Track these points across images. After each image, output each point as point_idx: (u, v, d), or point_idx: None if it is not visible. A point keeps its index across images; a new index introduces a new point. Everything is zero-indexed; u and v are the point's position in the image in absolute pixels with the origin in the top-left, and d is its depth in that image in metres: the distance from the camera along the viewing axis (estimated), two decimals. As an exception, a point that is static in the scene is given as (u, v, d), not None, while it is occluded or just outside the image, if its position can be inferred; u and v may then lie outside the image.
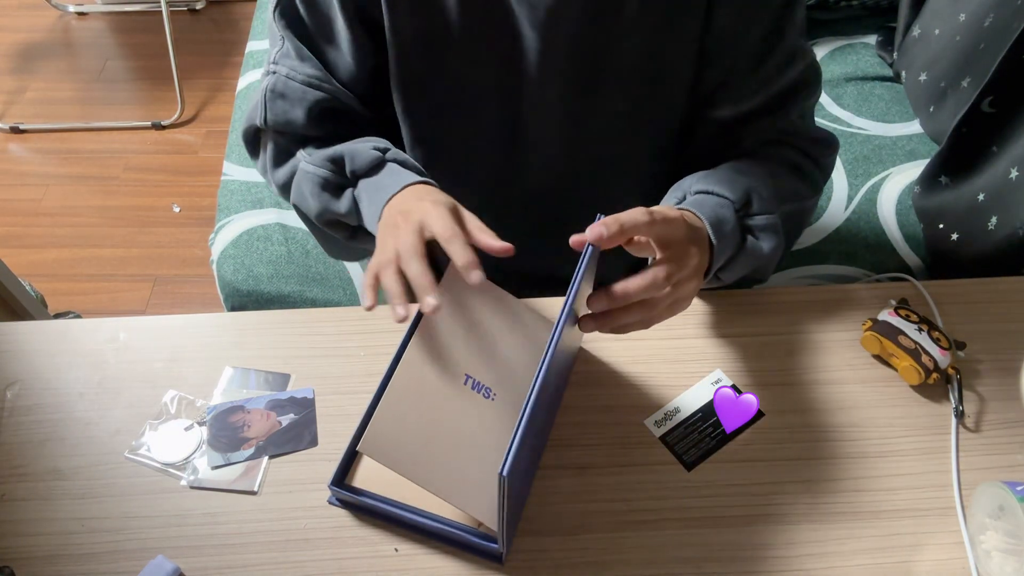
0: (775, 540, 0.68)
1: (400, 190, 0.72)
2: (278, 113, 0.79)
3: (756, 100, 0.80)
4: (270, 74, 0.80)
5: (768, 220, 0.74)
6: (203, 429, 0.74)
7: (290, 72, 0.78)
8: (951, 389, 0.76)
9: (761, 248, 0.75)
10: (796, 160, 0.83)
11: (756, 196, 0.74)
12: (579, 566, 0.67)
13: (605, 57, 0.76)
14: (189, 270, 1.89)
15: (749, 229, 0.75)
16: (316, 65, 0.79)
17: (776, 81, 0.78)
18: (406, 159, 0.78)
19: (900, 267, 1.16)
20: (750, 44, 0.76)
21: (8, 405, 0.76)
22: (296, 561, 0.67)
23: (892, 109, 1.34)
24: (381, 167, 0.76)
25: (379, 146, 0.77)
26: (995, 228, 1.03)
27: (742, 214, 0.74)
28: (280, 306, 1.16)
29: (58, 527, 0.69)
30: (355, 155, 0.76)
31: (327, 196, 0.78)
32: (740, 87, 0.79)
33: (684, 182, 0.77)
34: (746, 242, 0.74)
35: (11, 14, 2.54)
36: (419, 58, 0.77)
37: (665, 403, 0.76)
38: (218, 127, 2.20)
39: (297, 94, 0.78)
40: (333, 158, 0.77)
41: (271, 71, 0.80)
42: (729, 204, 0.72)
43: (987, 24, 1.15)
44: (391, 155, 0.77)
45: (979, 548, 0.67)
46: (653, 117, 0.82)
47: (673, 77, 0.78)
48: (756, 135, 0.82)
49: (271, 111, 0.79)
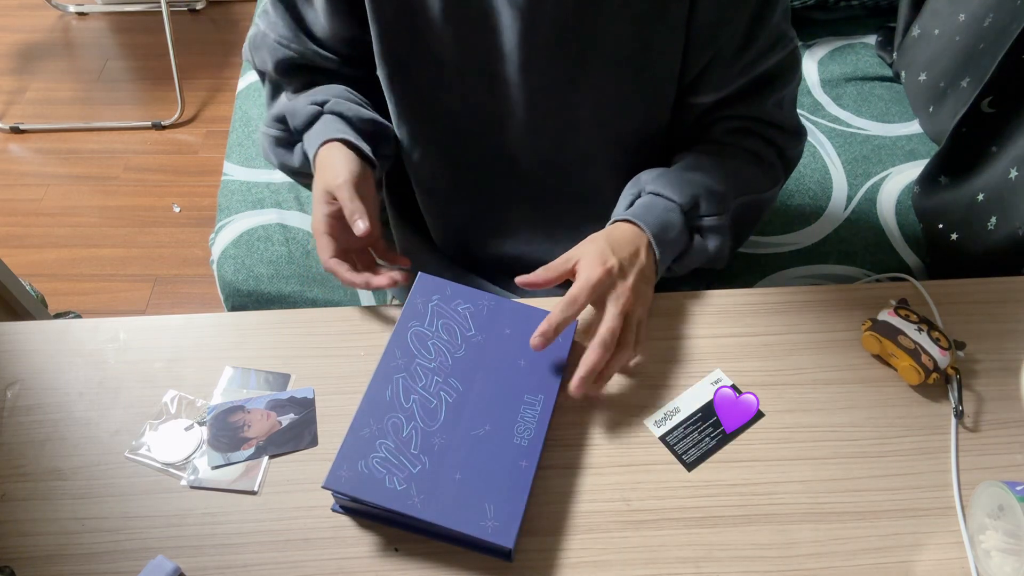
0: (775, 540, 0.68)
1: (315, 153, 0.80)
2: (258, 62, 0.88)
3: (736, 85, 0.80)
4: (254, 24, 0.88)
5: (715, 221, 0.80)
6: (203, 429, 0.74)
7: (266, 28, 0.85)
8: (951, 389, 0.76)
9: (707, 247, 0.81)
10: (760, 151, 0.85)
11: (705, 198, 0.79)
12: (579, 566, 0.67)
13: (589, 44, 0.76)
14: (189, 270, 1.89)
15: (697, 229, 0.81)
16: (289, 26, 0.83)
17: (757, 67, 0.79)
18: (345, 111, 0.81)
19: (900, 267, 1.16)
20: (735, 30, 0.76)
21: (8, 405, 0.76)
22: (296, 561, 0.67)
23: (892, 109, 1.34)
24: (317, 119, 0.82)
25: (317, 99, 0.82)
26: (995, 228, 1.03)
27: (690, 216, 0.80)
28: (280, 306, 1.16)
29: (58, 527, 0.69)
30: (295, 112, 0.82)
31: (281, 152, 0.86)
32: (723, 73, 0.80)
33: (641, 178, 0.82)
34: (693, 242, 0.81)
35: (11, 14, 2.54)
36: (401, 37, 0.78)
37: (665, 403, 0.76)
38: (218, 127, 2.20)
39: (269, 50, 0.85)
40: (279, 116, 0.85)
41: (255, 22, 0.88)
42: (677, 208, 0.78)
43: (987, 24, 1.15)
44: (329, 107, 0.82)
45: (979, 548, 0.67)
46: (640, 105, 0.82)
47: (660, 65, 0.79)
48: (727, 122, 0.84)
49: (254, 59, 0.89)
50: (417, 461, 0.66)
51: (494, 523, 0.64)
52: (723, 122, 0.85)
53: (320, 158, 0.79)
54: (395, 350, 0.73)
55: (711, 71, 0.80)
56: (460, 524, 0.63)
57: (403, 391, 0.70)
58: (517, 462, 0.67)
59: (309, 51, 0.84)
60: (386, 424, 0.68)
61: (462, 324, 0.75)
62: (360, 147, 0.80)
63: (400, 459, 0.66)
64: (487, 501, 0.65)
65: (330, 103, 0.82)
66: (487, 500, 0.65)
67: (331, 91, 0.84)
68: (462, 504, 0.64)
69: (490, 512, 0.64)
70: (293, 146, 0.86)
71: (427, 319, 0.75)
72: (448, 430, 0.68)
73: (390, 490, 0.65)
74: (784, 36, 0.79)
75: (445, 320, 0.75)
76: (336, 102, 0.82)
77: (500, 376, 0.72)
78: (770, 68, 0.80)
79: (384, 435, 0.68)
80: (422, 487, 0.65)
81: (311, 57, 0.85)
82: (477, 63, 0.78)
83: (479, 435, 0.68)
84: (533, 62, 0.77)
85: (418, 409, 0.69)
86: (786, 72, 0.82)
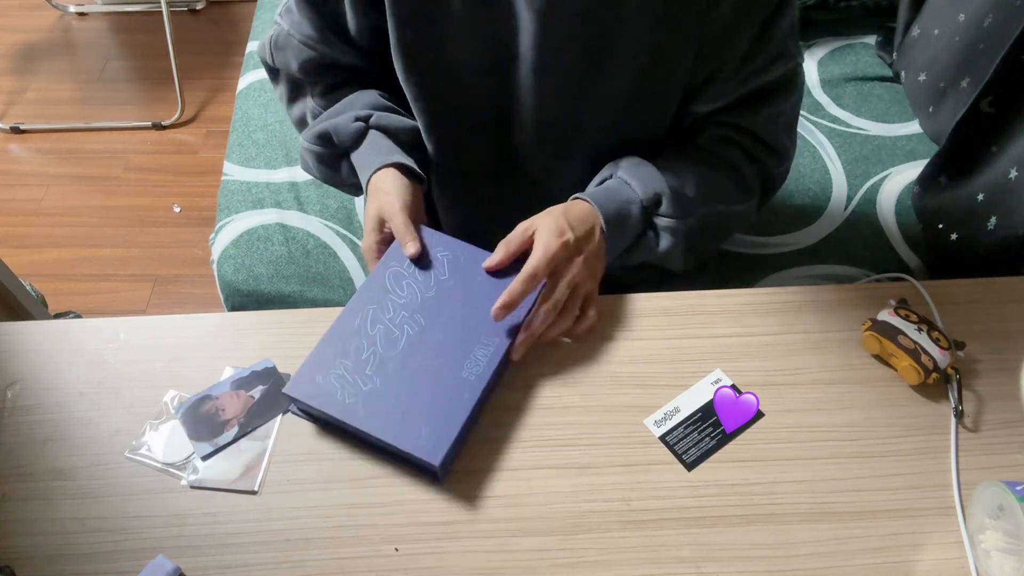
0: (775, 540, 0.68)
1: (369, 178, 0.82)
2: (280, 62, 0.87)
3: (732, 96, 0.80)
4: (275, 24, 0.86)
5: (671, 223, 0.82)
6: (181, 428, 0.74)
7: (290, 29, 0.84)
8: (951, 389, 0.76)
9: (656, 245, 0.84)
10: (739, 164, 0.85)
11: (669, 198, 0.80)
12: (579, 566, 0.67)
13: (604, 49, 0.76)
14: (189, 270, 1.89)
15: (652, 225, 0.83)
16: (315, 25, 0.83)
17: (756, 79, 0.80)
18: (389, 124, 0.83)
19: (900, 267, 1.16)
20: (742, 41, 0.76)
21: (8, 405, 0.76)
22: (296, 561, 0.67)
23: (891, 109, 1.34)
24: (364, 137, 0.83)
25: (361, 115, 0.83)
26: (994, 228, 1.03)
27: (648, 211, 0.82)
28: (280, 306, 1.16)
29: (58, 527, 0.69)
30: (338, 130, 0.83)
31: (326, 169, 0.87)
32: (724, 82, 0.80)
33: (620, 163, 0.84)
34: (646, 236, 0.83)
35: (11, 14, 2.54)
36: (418, 32, 0.78)
37: (665, 403, 0.76)
38: (218, 127, 2.20)
39: (293, 51, 0.85)
40: (321, 135, 0.85)
41: (276, 21, 0.86)
42: (638, 202, 0.81)
43: (986, 24, 1.15)
44: (374, 122, 0.83)
45: (979, 548, 0.67)
46: (646, 111, 0.83)
47: (670, 72, 0.79)
48: (716, 129, 0.85)
49: (276, 59, 0.87)
50: (369, 381, 0.72)
51: (426, 441, 0.68)
52: (712, 128, 0.85)
53: (373, 184, 0.81)
54: (371, 284, 0.78)
55: (714, 81, 0.80)
56: (393, 438, 0.69)
57: (371, 320, 0.76)
58: (460, 392, 0.72)
59: (336, 50, 0.84)
60: (348, 347, 0.74)
61: (438, 268, 0.79)
62: (412, 168, 0.82)
63: (355, 378, 0.72)
64: (424, 422, 0.70)
65: (373, 118, 0.83)
66: (424, 421, 0.70)
67: (368, 100, 0.85)
68: (399, 421, 0.70)
69: (424, 432, 0.69)
70: (339, 161, 0.87)
71: (406, 261, 0.80)
72: (403, 358, 0.74)
73: (339, 403, 0.71)
74: (787, 52, 0.80)
75: (423, 263, 0.80)
76: (379, 116, 0.83)
77: (462, 318, 0.76)
78: (769, 81, 0.80)
79: (345, 355, 0.74)
80: (368, 404, 0.71)
81: (337, 56, 0.85)
82: (492, 62, 0.79)
83: (430, 365, 0.73)
84: (547, 65, 0.77)
85: (381, 337, 0.75)
86: (784, 88, 0.83)
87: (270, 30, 0.88)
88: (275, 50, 0.87)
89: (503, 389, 0.77)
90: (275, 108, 1.38)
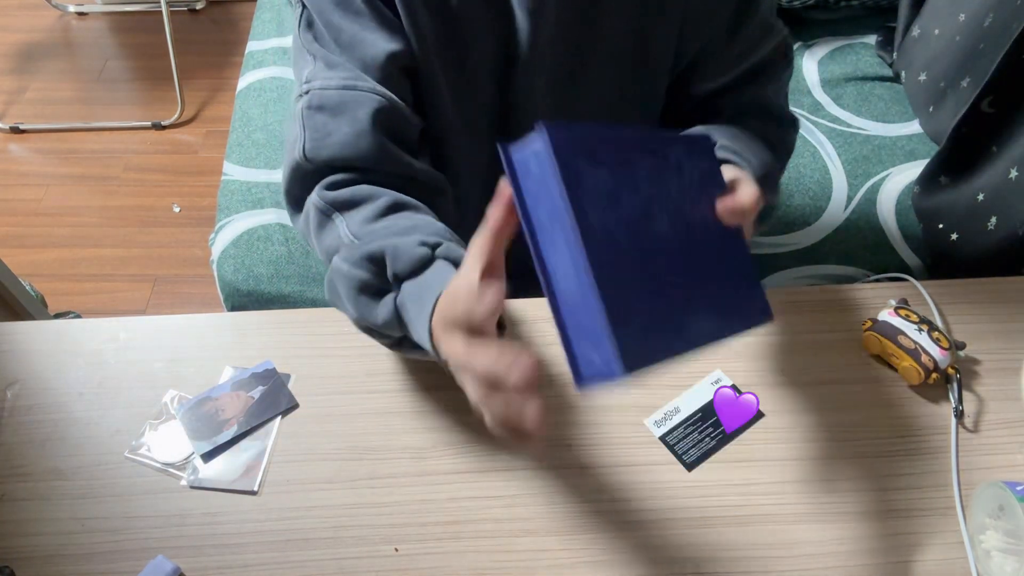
0: (775, 540, 0.68)
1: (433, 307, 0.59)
2: (318, 130, 0.70)
3: (732, 74, 0.82)
4: (302, 95, 0.72)
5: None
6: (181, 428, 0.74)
7: (324, 83, 0.71)
8: (951, 389, 0.76)
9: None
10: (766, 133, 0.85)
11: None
12: (579, 566, 0.67)
13: (591, 39, 0.76)
14: (189, 270, 1.89)
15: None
16: (348, 67, 0.71)
17: (750, 55, 0.81)
18: (460, 255, 0.64)
19: (900, 267, 1.16)
20: (723, 19, 0.78)
21: (8, 405, 0.76)
22: (296, 561, 0.67)
23: (892, 109, 1.34)
24: (428, 265, 0.63)
25: (428, 241, 0.65)
26: (995, 228, 1.03)
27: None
28: (280, 306, 1.16)
29: (58, 527, 0.69)
30: (399, 254, 0.63)
31: (365, 300, 0.66)
32: (716, 63, 0.81)
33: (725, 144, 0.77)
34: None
35: (11, 14, 2.54)
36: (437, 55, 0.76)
37: (665, 403, 0.76)
38: (218, 127, 2.20)
39: (333, 101, 0.70)
40: (372, 256, 0.65)
41: (303, 91, 0.72)
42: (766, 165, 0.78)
43: (987, 24, 1.15)
44: (442, 251, 0.64)
45: (979, 548, 0.67)
46: (638, 101, 0.84)
47: (656, 59, 0.80)
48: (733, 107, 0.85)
49: (310, 131, 0.71)
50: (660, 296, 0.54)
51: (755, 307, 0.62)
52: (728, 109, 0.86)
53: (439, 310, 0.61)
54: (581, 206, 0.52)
55: (704, 62, 0.81)
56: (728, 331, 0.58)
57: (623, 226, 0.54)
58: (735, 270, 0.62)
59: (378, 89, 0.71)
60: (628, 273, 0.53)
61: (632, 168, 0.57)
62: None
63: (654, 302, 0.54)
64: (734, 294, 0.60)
65: (443, 247, 0.64)
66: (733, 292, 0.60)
67: (434, 228, 0.68)
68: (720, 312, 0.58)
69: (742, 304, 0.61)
70: (381, 296, 0.65)
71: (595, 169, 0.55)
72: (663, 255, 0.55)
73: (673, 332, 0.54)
74: (773, 27, 0.81)
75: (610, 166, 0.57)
76: (448, 246, 0.65)
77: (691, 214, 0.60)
78: (764, 55, 0.81)
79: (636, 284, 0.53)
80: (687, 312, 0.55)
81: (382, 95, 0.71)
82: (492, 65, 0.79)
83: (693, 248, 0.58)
84: (538, 62, 0.77)
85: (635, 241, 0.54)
86: (783, 58, 0.84)
87: (296, 107, 0.73)
88: (309, 119, 0.71)
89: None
90: (275, 108, 1.38)
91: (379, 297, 0.65)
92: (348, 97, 0.70)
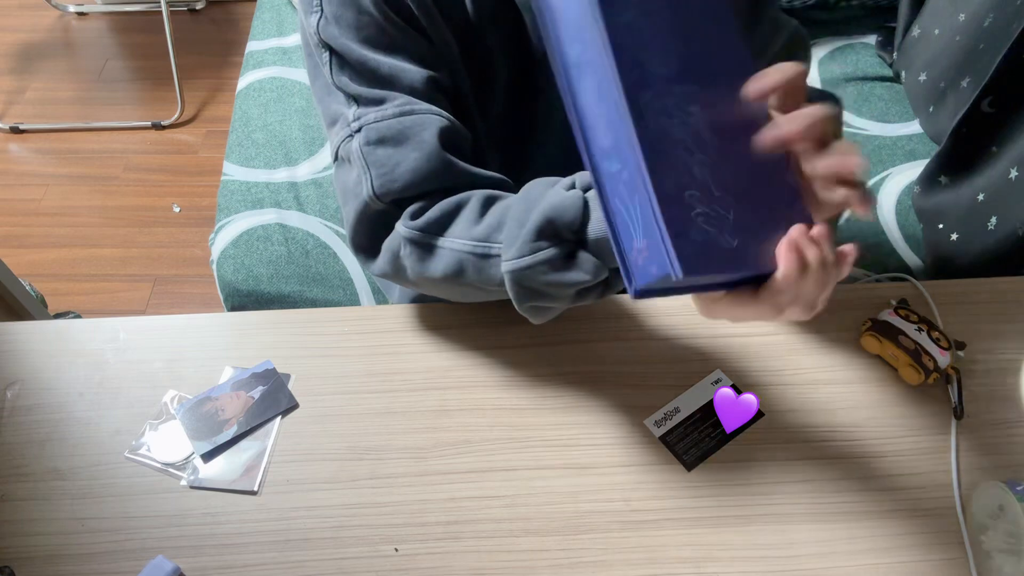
0: (775, 540, 0.68)
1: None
2: (384, 164, 0.68)
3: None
4: (353, 135, 0.69)
5: None
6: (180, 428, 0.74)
7: (379, 115, 0.68)
8: (951, 389, 0.76)
9: None
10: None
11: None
12: (579, 566, 0.67)
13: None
14: (189, 270, 1.89)
15: None
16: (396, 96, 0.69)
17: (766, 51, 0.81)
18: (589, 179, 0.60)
19: (900, 267, 1.16)
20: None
21: (8, 405, 0.76)
22: (296, 561, 0.67)
23: (892, 109, 1.34)
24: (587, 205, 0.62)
25: (565, 183, 0.63)
26: (995, 228, 1.03)
27: None
28: (280, 306, 1.16)
29: (58, 527, 0.69)
30: (563, 208, 0.61)
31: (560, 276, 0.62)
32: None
33: None
34: None
35: (11, 14, 2.54)
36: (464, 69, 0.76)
37: (665, 403, 0.76)
38: (218, 127, 2.20)
39: (393, 130, 0.68)
40: (540, 229, 0.61)
41: (354, 131, 0.69)
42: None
43: (987, 24, 1.15)
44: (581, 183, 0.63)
45: (979, 548, 0.67)
46: None
47: None
48: None
49: (375, 167, 0.68)
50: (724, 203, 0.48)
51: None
52: None
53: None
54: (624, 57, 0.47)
55: None
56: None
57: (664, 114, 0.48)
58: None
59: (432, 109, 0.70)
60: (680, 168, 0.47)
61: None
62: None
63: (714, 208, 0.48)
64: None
65: (577, 178, 0.63)
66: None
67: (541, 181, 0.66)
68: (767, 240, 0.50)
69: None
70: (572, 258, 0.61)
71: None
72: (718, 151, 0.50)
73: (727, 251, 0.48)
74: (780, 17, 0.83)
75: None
76: (576, 176, 0.63)
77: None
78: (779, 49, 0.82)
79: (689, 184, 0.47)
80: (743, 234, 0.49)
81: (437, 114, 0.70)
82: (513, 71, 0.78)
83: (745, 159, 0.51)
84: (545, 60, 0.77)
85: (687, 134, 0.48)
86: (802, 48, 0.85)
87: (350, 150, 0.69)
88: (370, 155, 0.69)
89: (503, 389, 0.77)
90: (275, 108, 1.38)
91: (571, 260, 0.62)
92: (408, 123, 0.68)
